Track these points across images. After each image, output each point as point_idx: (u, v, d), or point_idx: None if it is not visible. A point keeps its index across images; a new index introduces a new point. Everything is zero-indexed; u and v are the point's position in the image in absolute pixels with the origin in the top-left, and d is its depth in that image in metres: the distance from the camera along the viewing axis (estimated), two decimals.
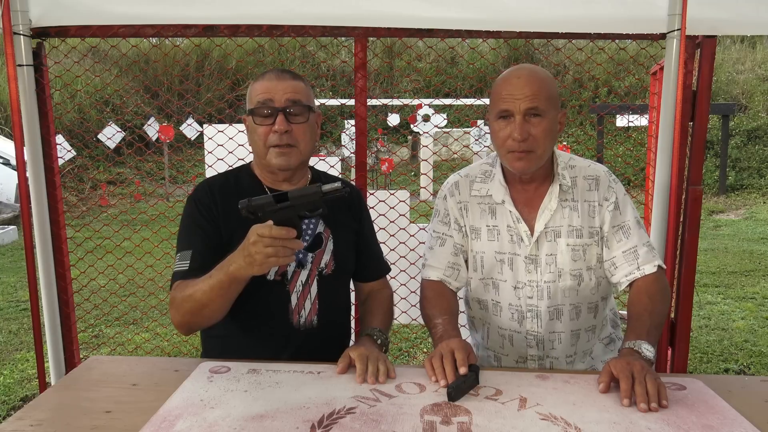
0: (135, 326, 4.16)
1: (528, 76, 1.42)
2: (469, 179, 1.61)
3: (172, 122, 9.22)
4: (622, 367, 1.23)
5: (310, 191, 1.18)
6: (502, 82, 1.44)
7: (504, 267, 1.54)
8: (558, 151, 1.55)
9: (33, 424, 1.12)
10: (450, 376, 1.25)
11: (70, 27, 2.15)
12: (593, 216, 1.51)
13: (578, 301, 1.54)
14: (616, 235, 1.50)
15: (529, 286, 1.53)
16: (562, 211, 1.51)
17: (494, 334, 1.61)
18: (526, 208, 1.53)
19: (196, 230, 1.45)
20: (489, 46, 8.53)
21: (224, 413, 1.15)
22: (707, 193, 10.03)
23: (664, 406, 1.17)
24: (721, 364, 3.66)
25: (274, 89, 1.43)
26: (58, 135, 2.38)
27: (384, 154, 10.19)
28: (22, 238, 6.84)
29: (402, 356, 3.79)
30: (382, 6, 2.10)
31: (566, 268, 1.51)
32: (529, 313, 1.54)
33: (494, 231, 1.55)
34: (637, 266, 1.48)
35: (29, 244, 2.12)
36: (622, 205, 1.52)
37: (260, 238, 1.17)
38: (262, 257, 1.18)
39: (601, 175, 1.54)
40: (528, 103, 1.39)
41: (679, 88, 1.99)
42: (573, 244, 1.50)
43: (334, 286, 1.54)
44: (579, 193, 1.52)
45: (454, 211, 1.59)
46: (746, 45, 13.58)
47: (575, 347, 1.57)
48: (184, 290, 1.34)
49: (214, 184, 1.52)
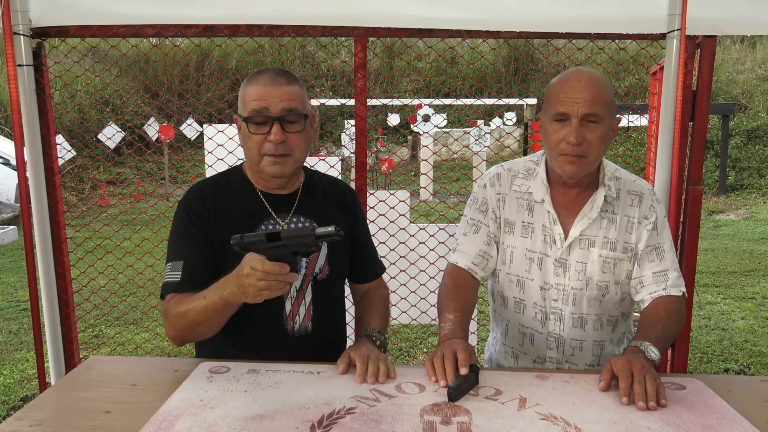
0: (135, 326, 4.16)
1: (588, 80, 1.39)
2: (511, 173, 1.59)
3: (172, 122, 9.21)
4: (622, 365, 1.23)
5: (303, 233, 1.16)
6: (561, 84, 1.41)
7: (533, 266, 1.54)
8: (606, 160, 1.52)
9: (33, 424, 1.12)
10: (450, 377, 1.24)
11: (70, 27, 2.15)
12: (630, 232, 1.50)
13: (601, 311, 1.53)
14: (650, 255, 1.49)
15: (555, 289, 1.52)
16: (600, 221, 1.50)
17: (513, 331, 1.61)
18: (565, 211, 1.51)
19: (187, 239, 1.43)
20: (489, 46, 8.52)
21: (224, 413, 1.15)
22: (707, 193, 10.03)
23: (662, 405, 1.17)
24: (721, 364, 3.66)
25: (269, 96, 1.38)
26: (58, 135, 2.38)
27: (384, 154, 10.19)
28: (22, 238, 6.84)
29: (402, 356, 3.79)
30: (382, 6, 2.09)
31: (594, 278, 1.50)
32: (552, 315, 1.53)
33: (529, 228, 1.54)
34: (664, 287, 1.47)
35: (29, 244, 2.12)
36: (660, 227, 1.51)
37: (253, 272, 1.16)
38: (255, 290, 1.18)
39: (645, 192, 1.52)
40: (586, 108, 1.37)
41: (679, 88, 1.99)
42: (605, 256, 1.49)
43: (328, 290, 1.53)
44: (621, 206, 1.51)
45: (493, 201, 1.58)
46: (746, 45, 13.57)
47: (599, 358, 1.56)
48: (177, 307, 1.34)
49: (205, 188, 1.50)
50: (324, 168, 2.47)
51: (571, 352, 1.55)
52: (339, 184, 1.65)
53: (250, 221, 1.46)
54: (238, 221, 1.45)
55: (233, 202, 1.48)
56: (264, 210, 1.49)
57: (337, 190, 1.61)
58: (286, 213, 1.50)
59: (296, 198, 1.52)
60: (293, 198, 1.52)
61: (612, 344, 1.58)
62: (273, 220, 1.48)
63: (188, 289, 1.37)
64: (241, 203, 1.48)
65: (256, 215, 1.48)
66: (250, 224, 1.46)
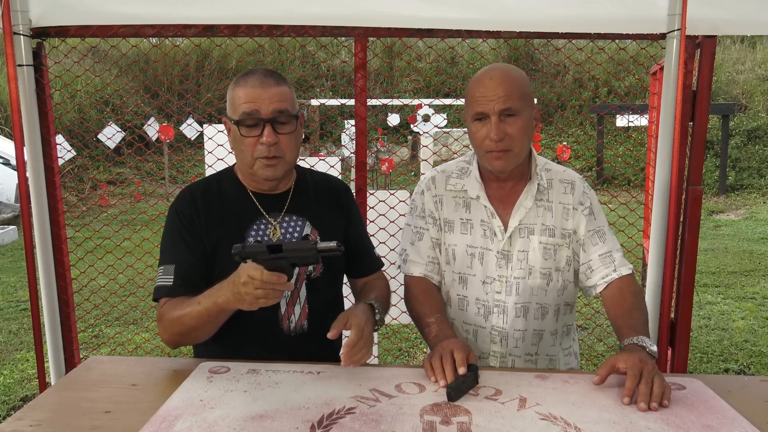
0: (135, 326, 4.16)
1: (500, 76, 1.42)
2: (445, 174, 1.63)
3: (172, 122, 9.22)
4: (633, 363, 1.21)
5: (304, 247, 1.17)
6: (476, 84, 1.45)
7: (474, 261, 1.56)
8: (536, 153, 1.57)
9: (32, 424, 1.12)
10: (450, 376, 1.25)
11: (70, 27, 2.14)
12: (567, 218, 1.54)
13: (546, 301, 1.56)
14: (593, 239, 1.54)
15: (498, 281, 1.54)
16: (536, 209, 1.54)
17: (458, 330, 1.62)
18: (501, 204, 1.55)
19: (179, 243, 1.44)
20: (489, 46, 8.53)
21: (224, 413, 1.15)
22: (707, 193, 10.02)
23: (664, 405, 1.17)
24: (721, 364, 3.66)
25: (260, 98, 1.37)
26: (58, 135, 2.38)
27: (384, 154, 10.18)
28: (22, 238, 6.84)
29: (402, 356, 3.79)
30: (382, 6, 2.09)
31: (537, 266, 1.53)
32: (495, 308, 1.55)
33: (467, 225, 1.57)
34: (614, 268, 1.52)
35: (29, 244, 2.12)
36: (596, 211, 1.56)
37: (251, 280, 1.17)
38: (251, 298, 1.19)
39: (576, 180, 1.57)
40: (501, 104, 1.41)
41: (679, 88, 1.99)
42: (545, 243, 1.53)
43: (324, 288, 1.53)
44: (554, 194, 1.55)
45: (430, 205, 1.61)
46: (746, 45, 13.57)
47: (537, 347, 1.58)
48: (172, 312, 1.35)
49: (196, 191, 1.49)
50: (324, 168, 2.47)
51: (514, 344, 1.56)
52: (332, 180, 1.64)
53: (242, 222, 1.46)
54: (230, 223, 1.46)
55: (224, 204, 1.48)
56: (255, 210, 1.49)
57: (330, 186, 1.61)
58: (278, 212, 1.50)
59: (288, 197, 1.52)
60: (285, 197, 1.52)
61: (551, 335, 1.59)
62: (264, 220, 1.48)
63: (180, 293, 1.38)
64: (232, 204, 1.48)
65: (247, 216, 1.48)
66: (241, 226, 1.46)
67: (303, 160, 2.41)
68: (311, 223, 1.52)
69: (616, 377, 1.26)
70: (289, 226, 1.50)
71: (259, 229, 1.47)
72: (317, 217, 1.53)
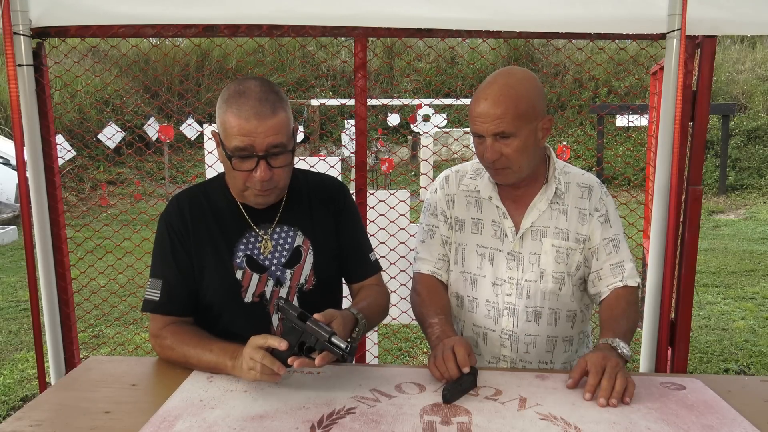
0: (135, 326, 4.16)
1: (496, 96, 1.38)
2: (459, 174, 1.63)
3: (172, 122, 9.21)
4: (596, 360, 1.23)
5: (322, 331, 1.20)
6: (474, 102, 1.42)
7: (484, 261, 1.55)
8: (555, 157, 1.55)
9: (32, 425, 1.12)
10: (453, 371, 1.24)
11: (70, 27, 2.14)
12: (582, 223, 1.52)
13: (558, 306, 1.54)
14: (606, 247, 1.52)
15: (508, 283, 1.52)
16: (551, 212, 1.52)
17: (468, 332, 1.61)
18: (514, 204, 1.54)
19: (167, 259, 1.43)
20: (489, 46, 8.52)
21: (224, 413, 1.15)
22: (707, 193, 10.03)
23: (625, 402, 1.18)
24: (721, 364, 3.66)
25: (254, 133, 1.28)
26: (58, 135, 2.38)
27: (384, 154, 10.18)
28: (22, 238, 6.84)
29: (402, 356, 3.79)
30: (382, 6, 2.09)
31: (549, 269, 1.51)
32: (505, 311, 1.53)
33: (479, 224, 1.57)
34: (621, 278, 1.51)
35: (29, 244, 2.11)
36: (612, 218, 1.54)
37: (252, 361, 1.21)
38: (245, 371, 1.23)
39: (594, 185, 1.55)
40: (495, 128, 1.38)
41: (679, 88, 1.99)
42: (558, 246, 1.51)
43: (316, 300, 1.45)
44: (571, 198, 1.53)
45: (442, 203, 1.61)
46: (746, 45, 13.58)
47: (551, 354, 1.56)
48: (173, 342, 1.38)
49: (184, 204, 1.45)
50: (324, 168, 2.46)
51: (525, 349, 1.54)
52: (326, 181, 1.58)
53: (231, 237, 1.44)
54: (218, 238, 1.44)
55: (213, 218, 1.45)
56: (245, 223, 1.46)
57: (323, 188, 1.55)
58: (269, 223, 1.47)
59: (280, 207, 1.48)
60: (277, 208, 1.47)
61: (565, 342, 1.57)
62: (254, 233, 1.46)
63: (167, 310, 1.42)
64: (222, 218, 1.46)
65: (236, 230, 1.45)
66: (230, 240, 1.44)
67: (303, 160, 2.41)
68: (303, 233, 1.48)
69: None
70: (280, 238, 1.47)
71: (249, 242, 1.45)
72: (309, 227, 1.49)
